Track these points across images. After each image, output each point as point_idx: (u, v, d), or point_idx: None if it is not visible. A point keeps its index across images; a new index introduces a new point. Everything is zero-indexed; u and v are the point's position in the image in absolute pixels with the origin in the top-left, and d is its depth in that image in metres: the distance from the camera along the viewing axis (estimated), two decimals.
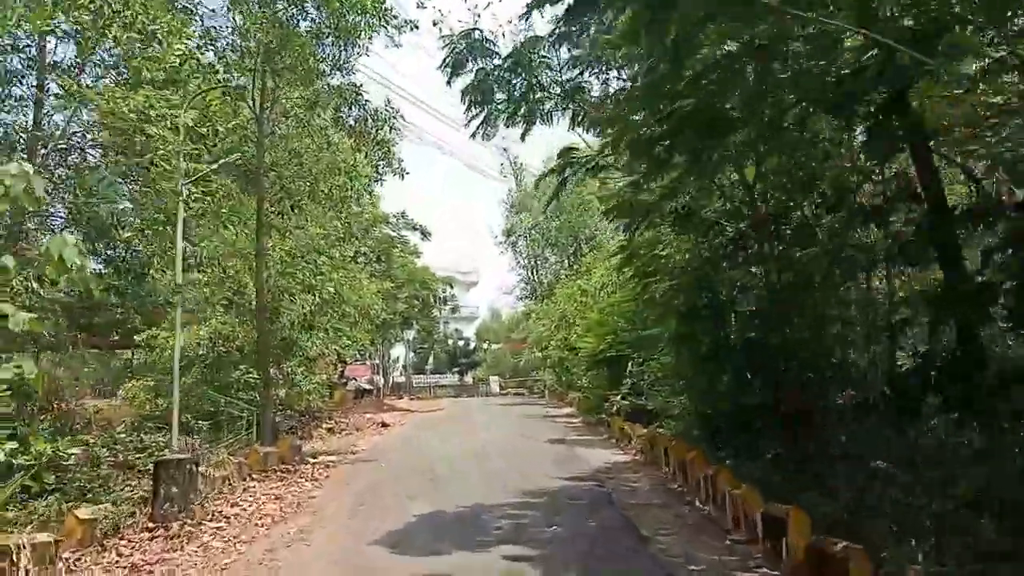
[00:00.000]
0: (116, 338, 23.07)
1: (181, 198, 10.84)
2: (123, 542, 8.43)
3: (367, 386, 42.34)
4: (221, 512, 10.19)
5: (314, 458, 15.96)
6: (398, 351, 60.39)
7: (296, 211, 15.68)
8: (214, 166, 12.03)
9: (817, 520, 6.99)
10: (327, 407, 23.87)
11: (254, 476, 13.15)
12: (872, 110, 8.22)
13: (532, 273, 44.52)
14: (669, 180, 10.53)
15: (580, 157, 18.00)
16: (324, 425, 23.97)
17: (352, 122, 16.92)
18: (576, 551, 7.87)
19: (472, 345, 66.57)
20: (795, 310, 9.56)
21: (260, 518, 10.06)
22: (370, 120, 16.81)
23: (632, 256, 13.12)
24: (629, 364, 19.33)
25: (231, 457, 12.81)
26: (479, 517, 9.55)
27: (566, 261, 40.31)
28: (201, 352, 19.86)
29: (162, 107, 11.80)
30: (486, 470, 13.48)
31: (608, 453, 15.66)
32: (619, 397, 19.32)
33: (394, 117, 17.06)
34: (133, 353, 26.29)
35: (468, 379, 62.62)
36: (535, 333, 37.75)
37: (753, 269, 10.76)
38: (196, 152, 12.26)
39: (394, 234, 35.16)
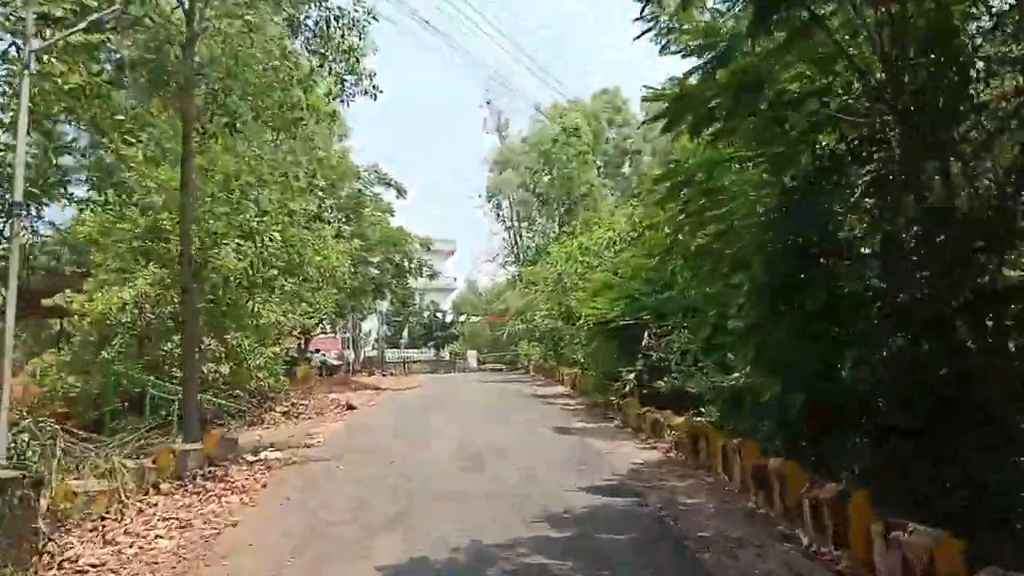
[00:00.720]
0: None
1: (25, 70, 7.10)
2: None
3: (335, 361, 38.73)
4: (78, 558, 6.62)
5: (255, 455, 12.39)
6: (371, 324, 56.68)
7: (234, 133, 11.92)
8: (82, 25, 8.16)
9: None
10: (283, 386, 20.23)
11: (162, 487, 9.57)
12: None
13: (517, 238, 40.87)
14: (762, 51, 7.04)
15: None
16: (279, 408, 20.38)
17: (311, 25, 13.13)
18: None
19: (449, 318, 62.92)
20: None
21: (143, 567, 6.52)
22: (333, 23, 13.03)
23: (680, 184, 9.58)
24: (645, 335, 15.94)
25: (125, 462, 9.19)
26: (482, 572, 6.08)
27: (557, 221, 36.72)
28: (125, 319, 16.18)
29: None
30: (483, 477, 10.00)
31: (632, 448, 12.27)
32: (632, 375, 15.95)
33: (366, 19, 13.28)
34: (62, 321, 22.55)
35: (445, 354, 59.10)
36: (523, 301, 34.24)
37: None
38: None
39: (365, 190, 31.36)
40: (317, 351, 35.42)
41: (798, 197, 7.47)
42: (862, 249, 7.45)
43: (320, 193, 25.01)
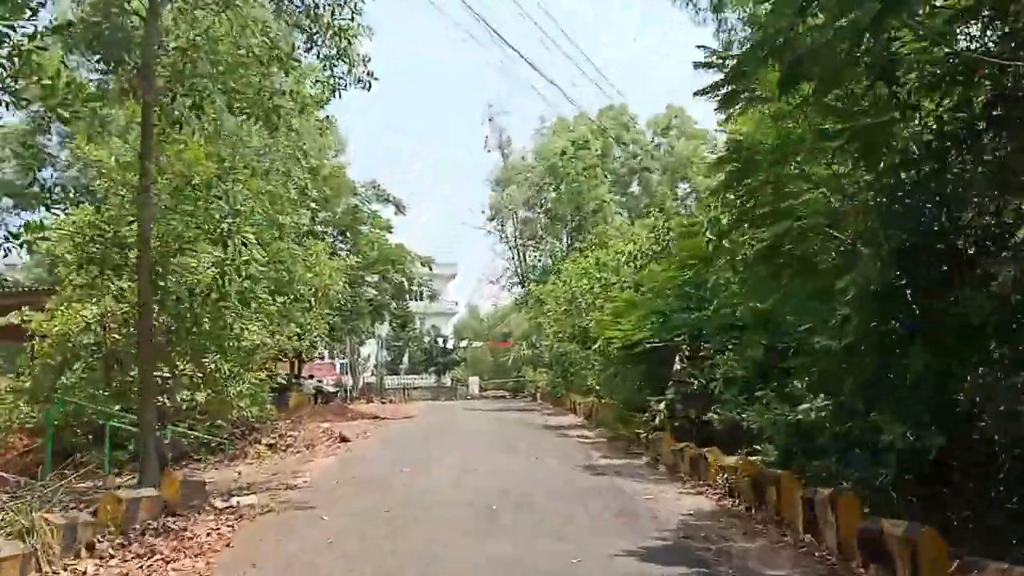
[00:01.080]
0: None
1: None
2: None
3: (332, 388, 36.72)
4: None
5: (225, 501, 10.44)
6: (370, 349, 54.73)
7: (201, 116, 10.11)
8: None
9: None
10: (269, 416, 18.26)
11: (97, 547, 7.62)
12: None
13: (521, 258, 39.00)
14: None
15: None
16: (265, 440, 18.41)
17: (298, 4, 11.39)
18: None
19: (450, 343, 60.94)
20: None
21: None
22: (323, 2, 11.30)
23: (742, 169, 7.75)
24: (677, 359, 14.05)
25: (48, 516, 7.24)
26: None
27: (565, 239, 34.85)
28: (88, 341, 14.31)
29: None
30: (504, 540, 8.00)
31: (675, 493, 10.30)
32: (663, 405, 14.03)
33: None
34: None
35: (446, 380, 57.08)
36: (529, 324, 32.35)
37: None
38: None
39: (362, 206, 29.59)
40: (311, 377, 33.44)
41: (925, 171, 5.60)
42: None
43: (312, 205, 23.23)
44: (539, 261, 36.55)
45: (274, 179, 18.67)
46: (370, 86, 12.60)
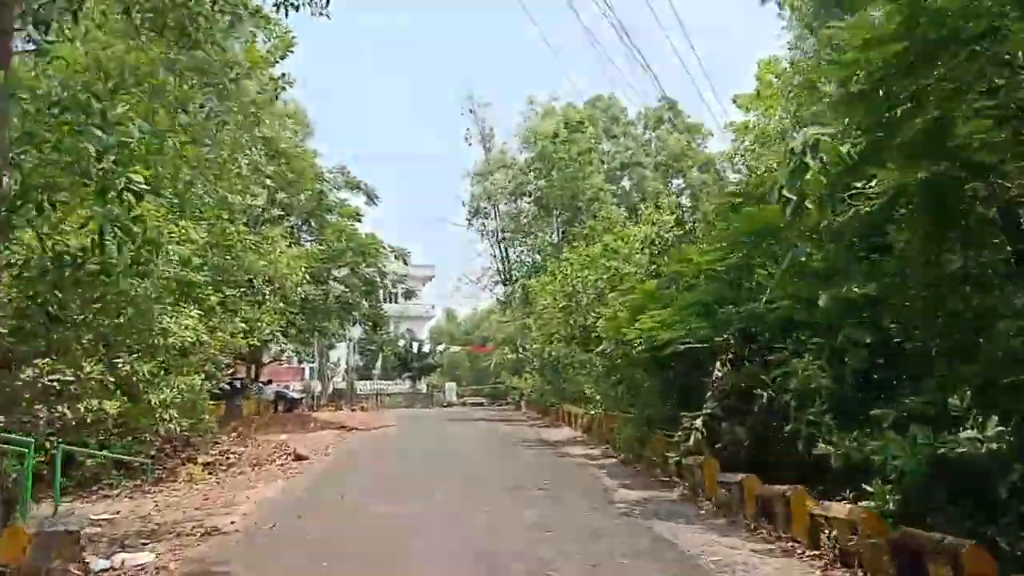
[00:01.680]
0: None
1: None
2: None
3: (296, 394, 33.35)
4: None
5: (107, 557, 7.28)
6: (340, 352, 51.27)
7: (79, 19, 6.95)
8: None
9: None
10: (206, 427, 14.96)
11: None
12: None
13: (504, 255, 35.82)
14: None
15: None
16: (202, 458, 15.14)
17: None
18: None
19: (426, 347, 57.63)
20: None
21: None
22: None
23: (924, 52, 4.79)
24: (717, 364, 11.10)
25: None
26: None
27: (556, 233, 31.67)
28: None
29: None
30: None
31: (752, 553, 7.25)
32: (699, 421, 11.04)
33: None
34: None
35: (421, 386, 53.77)
36: (513, 326, 29.32)
37: None
38: None
39: (329, 193, 26.35)
40: (269, 382, 30.02)
41: None
42: None
43: (268, 182, 20.04)
44: (527, 257, 33.37)
45: (222, 146, 15.57)
46: (327, 14, 9.49)
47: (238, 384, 26.67)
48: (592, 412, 18.43)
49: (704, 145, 40.65)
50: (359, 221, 26.16)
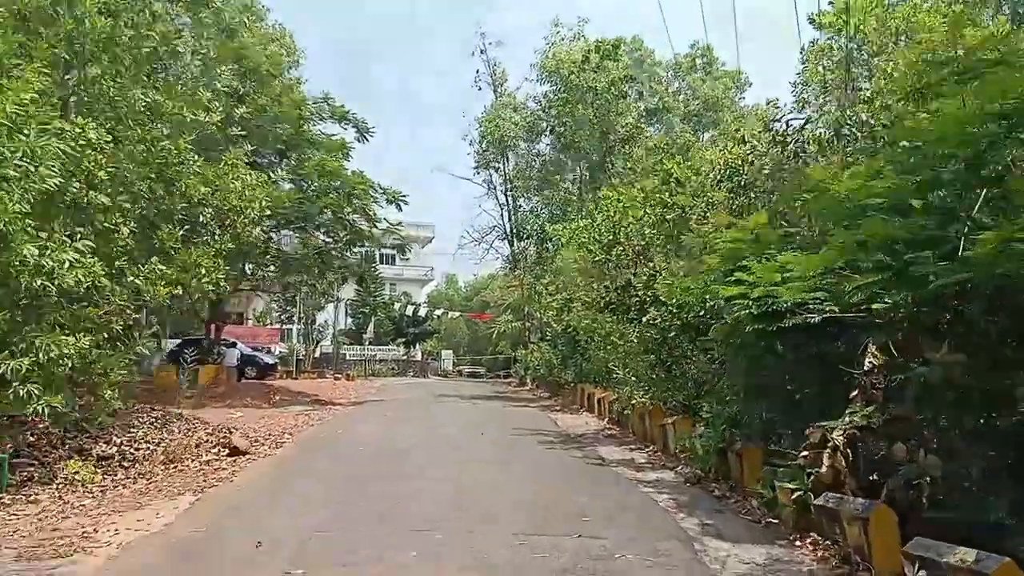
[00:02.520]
0: None
1: None
2: None
3: (269, 358, 29.20)
4: None
5: None
6: (327, 315, 47.05)
7: None
8: None
9: None
10: (108, 408, 10.68)
11: None
12: None
13: (513, 210, 31.38)
14: None
15: None
16: (98, 449, 10.92)
17: None
18: None
19: (423, 312, 53.44)
20: None
21: None
22: None
23: None
24: (868, 351, 6.89)
25: None
26: None
27: (579, 182, 27.07)
28: None
29: None
30: None
31: None
32: (837, 433, 6.83)
33: None
34: None
35: (416, 353, 49.78)
36: (523, 290, 25.05)
37: None
38: None
39: (306, 124, 21.88)
40: (233, 344, 25.72)
41: None
42: None
43: (219, 86, 15.68)
44: (541, 210, 28.78)
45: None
46: None
47: (195, 345, 22.56)
48: (625, 397, 14.24)
49: (742, 96, 36.15)
50: (345, 156, 21.70)
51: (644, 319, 12.29)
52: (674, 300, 10.39)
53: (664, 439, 11.58)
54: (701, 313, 10.82)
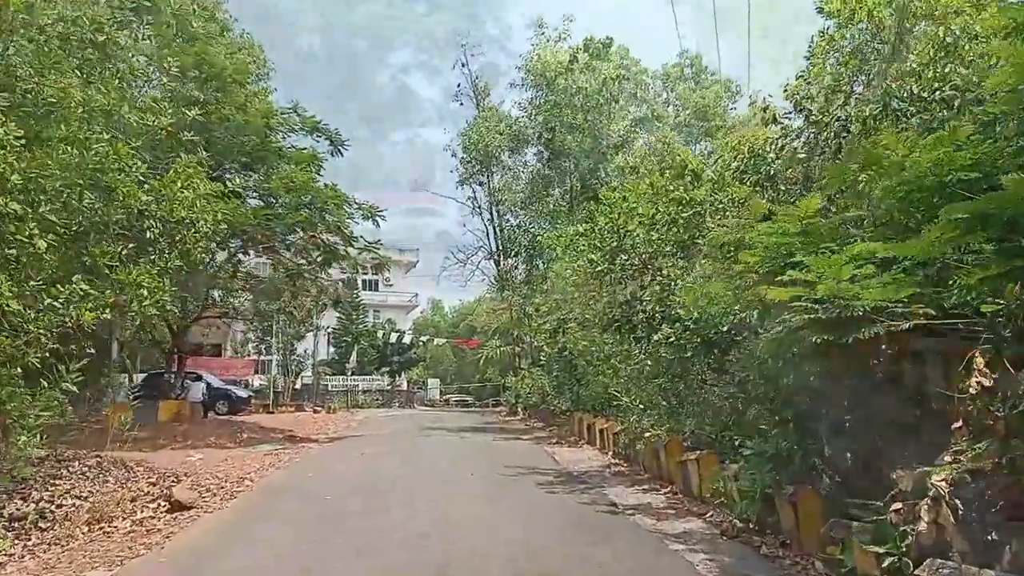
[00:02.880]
0: None
1: None
2: None
3: (242, 392, 27.25)
4: None
5: None
6: (308, 344, 44.95)
7: None
8: None
9: None
10: (20, 458, 8.84)
11: None
12: None
13: (498, 228, 29.75)
14: None
15: None
16: (12, 508, 9.08)
17: None
18: None
19: (408, 339, 51.51)
20: None
21: None
22: None
23: None
24: (979, 360, 5.22)
25: None
26: None
27: (569, 193, 25.40)
28: None
29: None
30: None
31: None
32: (939, 478, 5.16)
33: None
34: None
35: (401, 382, 47.79)
36: (511, 312, 23.38)
37: None
38: None
39: (273, 134, 20.23)
40: (199, 377, 23.74)
41: None
42: None
43: (165, 83, 14.02)
44: (530, 226, 27.13)
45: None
46: None
47: (166, 378, 20.66)
48: (630, 428, 12.52)
49: (733, 107, 34.88)
50: (315, 169, 20.00)
51: (654, 337, 10.62)
52: (695, 314, 8.73)
53: (684, 478, 9.86)
54: (725, 329, 9.21)
